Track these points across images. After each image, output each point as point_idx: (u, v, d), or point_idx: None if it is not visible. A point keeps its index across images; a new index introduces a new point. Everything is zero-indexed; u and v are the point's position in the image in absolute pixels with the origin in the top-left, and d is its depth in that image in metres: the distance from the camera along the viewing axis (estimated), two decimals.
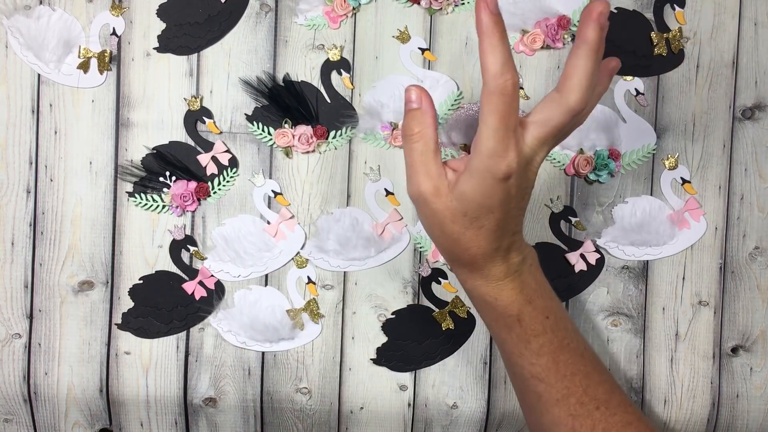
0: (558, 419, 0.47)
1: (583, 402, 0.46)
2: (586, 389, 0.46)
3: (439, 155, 0.41)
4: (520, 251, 0.44)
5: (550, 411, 0.47)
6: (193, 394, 0.57)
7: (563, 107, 0.39)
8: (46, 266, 0.56)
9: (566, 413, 0.46)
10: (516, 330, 0.45)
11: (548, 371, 0.46)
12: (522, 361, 0.46)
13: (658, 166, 0.57)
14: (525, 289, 0.45)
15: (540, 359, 0.46)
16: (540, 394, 0.47)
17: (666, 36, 0.57)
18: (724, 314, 0.58)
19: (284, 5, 0.56)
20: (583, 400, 0.46)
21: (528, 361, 0.46)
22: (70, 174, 0.56)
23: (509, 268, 0.44)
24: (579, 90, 0.38)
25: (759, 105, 0.57)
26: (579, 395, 0.46)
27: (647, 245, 0.57)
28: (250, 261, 0.56)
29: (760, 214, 0.58)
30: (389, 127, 0.56)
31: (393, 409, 0.58)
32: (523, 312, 0.45)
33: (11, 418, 0.58)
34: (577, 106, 0.39)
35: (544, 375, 0.46)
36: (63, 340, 0.57)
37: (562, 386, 0.46)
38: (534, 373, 0.46)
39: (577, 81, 0.38)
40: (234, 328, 0.57)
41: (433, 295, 0.57)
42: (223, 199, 0.56)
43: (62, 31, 0.55)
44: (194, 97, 0.56)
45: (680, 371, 0.58)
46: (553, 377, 0.46)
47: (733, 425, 0.59)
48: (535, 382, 0.46)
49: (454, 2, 0.56)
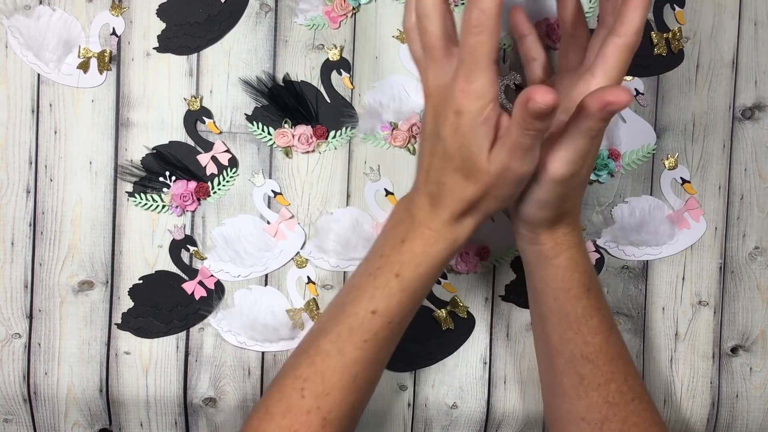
0: (594, 405, 0.46)
1: (623, 391, 0.46)
2: (626, 378, 0.46)
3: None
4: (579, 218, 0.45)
5: (589, 395, 0.46)
6: (193, 394, 0.57)
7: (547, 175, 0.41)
8: (46, 266, 0.56)
9: (603, 399, 0.46)
10: (583, 302, 0.45)
11: (599, 352, 0.45)
12: (577, 339, 0.46)
13: (657, 166, 0.57)
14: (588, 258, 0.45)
15: (595, 338, 0.45)
16: (584, 376, 0.46)
17: (666, 36, 0.57)
18: (724, 314, 0.58)
19: (284, 5, 0.56)
20: (623, 389, 0.46)
21: (583, 338, 0.45)
22: (70, 174, 0.56)
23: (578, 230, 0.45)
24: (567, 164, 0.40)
25: (759, 105, 0.57)
26: (620, 383, 0.46)
27: (647, 245, 0.57)
28: (250, 261, 0.56)
29: (760, 214, 0.58)
30: (389, 127, 0.56)
31: (393, 409, 0.58)
32: (593, 282, 0.45)
33: (11, 418, 0.58)
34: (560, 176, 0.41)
35: (595, 356, 0.45)
36: (63, 340, 0.57)
37: (607, 370, 0.45)
38: (585, 353, 0.45)
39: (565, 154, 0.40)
40: (234, 328, 0.57)
41: (433, 295, 0.57)
42: (223, 199, 0.56)
43: (62, 31, 0.55)
44: (194, 97, 0.56)
45: (680, 371, 0.58)
46: (602, 359, 0.46)
47: (732, 425, 0.59)
48: (583, 362, 0.46)
49: (454, 2, 0.56)
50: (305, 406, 0.45)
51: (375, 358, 0.46)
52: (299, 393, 0.45)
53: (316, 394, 0.45)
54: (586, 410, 0.46)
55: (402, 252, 0.44)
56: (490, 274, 0.58)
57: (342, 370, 0.45)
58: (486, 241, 0.57)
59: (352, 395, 0.45)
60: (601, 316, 0.46)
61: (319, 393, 0.45)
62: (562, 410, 0.48)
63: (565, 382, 0.47)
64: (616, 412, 0.45)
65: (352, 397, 0.45)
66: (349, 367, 0.45)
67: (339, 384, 0.45)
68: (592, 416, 0.46)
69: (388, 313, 0.45)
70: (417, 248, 0.44)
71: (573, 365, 0.46)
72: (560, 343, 0.47)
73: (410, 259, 0.44)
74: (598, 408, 0.46)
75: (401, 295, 0.44)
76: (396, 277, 0.44)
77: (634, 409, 0.46)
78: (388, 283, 0.44)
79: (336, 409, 0.45)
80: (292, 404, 0.45)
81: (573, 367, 0.46)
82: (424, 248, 0.44)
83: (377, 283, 0.45)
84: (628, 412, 0.45)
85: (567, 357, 0.47)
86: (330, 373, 0.45)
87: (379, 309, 0.44)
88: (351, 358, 0.45)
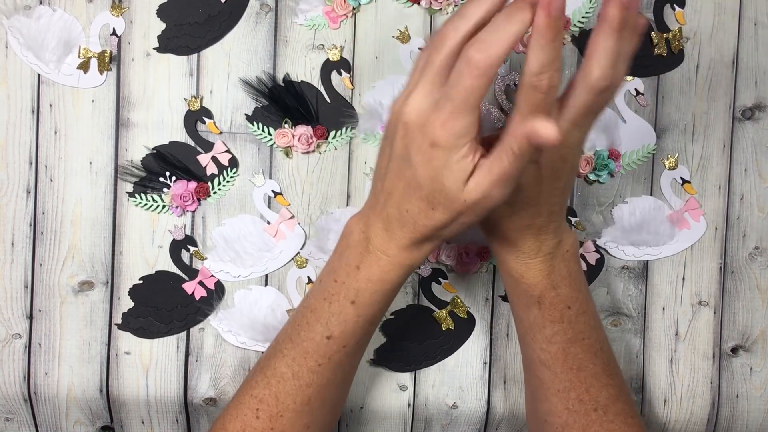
0: (554, 409, 0.47)
1: (583, 400, 0.46)
2: (589, 388, 0.46)
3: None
4: (556, 234, 0.44)
5: (549, 399, 0.47)
6: (194, 394, 0.57)
7: (587, 86, 0.38)
8: (46, 266, 0.56)
9: (563, 406, 0.46)
10: (534, 312, 0.45)
11: (556, 360, 0.46)
12: (533, 345, 0.46)
13: (658, 166, 0.57)
14: (553, 273, 0.44)
15: (551, 347, 0.46)
16: (543, 380, 0.47)
17: (666, 36, 0.57)
18: (724, 314, 0.58)
19: (284, 5, 0.56)
20: (583, 398, 0.46)
21: (539, 345, 0.46)
22: (70, 174, 0.56)
23: (540, 249, 0.43)
24: (599, 68, 0.37)
25: (759, 105, 0.57)
26: (580, 392, 0.46)
27: (647, 245, 0.57)
28: (250, 261, 0.56)
29: (760, 214, 0.58)
30: None
31: (393, 408, 0.58)
32: (544, 296, 0.45)
33: (12, 417, 0.58)
34: (599, 84, 0.37)
35: (551, 363, 0.46)
36: (63, 340, 0.57)
37: (565, 378, 0.46)
38: (542, 359, 0.46)
39: (597, 60, 0.37)
40: (234, 328, 0.57)
41: (433, 295, 0.57)
42: (223, 199, 0.56)
43: (62, 31, 0.55)
44: (194, 97, 0.56)
45: (680, 371, 0.58)
46: (559, 367, 0.46)
47: (733, 425, 0.59)
48: (541, 367, 0.46)
49: (454, 2, 0.56)
50: (259, 426, 0.45)
51: (330, 381, 0.46)
52: (254, 413, 0.46)
53: (271, 415, 0.45)
54: (547, 413, 0.47)
55: (357, 279, 0.44)
56: (490, 274, 0.58)
57: (296, 393, 0.45)
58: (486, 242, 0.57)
59: (306, 417, 0.46)
60: (558, 329, 0.45)
61: (273, 414, 0.45)
62: (530, 409, 0.50)
63: (530, 383, 0.49)
64: (576, 419, 0.46)
65: (306, 418, 0.46)
66: (303, 390, 0.45)
67: (293, 406, 0.45)
68: (553, 420, 0.47)
69: (343, 338, 0.45)
70: (373, 276, 0.43)
71: (534, 369, 0.47)
72: (522, 345, 0.48)
73: (366, 287, 0.43)
74: (558, 413, 0.47)
75: (357, 321, 0.44)
76: (351, 304, 0.44)
77: (596, 419, 0.46)
78: (344, 309, 0.44)
79: (289, 430, 0.46)
80: (247, 424, 0.46)
81: (534, 370, 0.47)
82: (380, 275, 0.43)
83: (332, 309, 0.44)
84: (589, 421, 0.46)
85: (528, 359, 0.48)
86: (284, 395, 0.45)
87: (334, 335, 0.45)
88: (305, 381, 0.45)
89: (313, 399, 0.46)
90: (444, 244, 0.56)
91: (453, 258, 0.57)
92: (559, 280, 0.45)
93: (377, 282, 0.43)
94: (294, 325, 0.46)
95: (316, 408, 0.46)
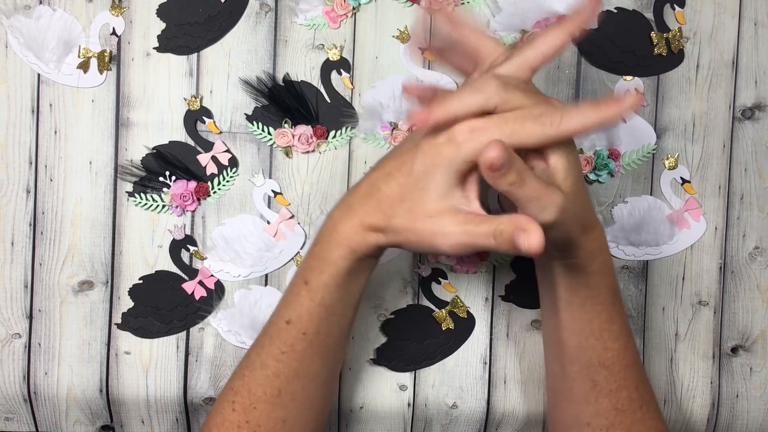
0: (602, 411, 0.45)
1: (632, 398, 0.45)
2: (638, 385, 0.45)
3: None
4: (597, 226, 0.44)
5: (599, 401, 0.45)
6: (194, 394, 0.57)
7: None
8: (46, 266, 0.56)
9: (612, 406, 0.45)
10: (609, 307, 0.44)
11: (616, 358, 0.45)
12: (597, 345, 0.45)
13: (657, 166, 0.57)
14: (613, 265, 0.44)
15: (615, 343, 0.45)
16: (597, 382, 0.45)
17: (666, 36, 0.57)
18: (724, 314, 0.58)
19: (284, 5, 0.56)
20: (633, 396, 0.45)
21: (603, 344, 0.45)
22: (70, 174, 0.56)
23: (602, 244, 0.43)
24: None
25: (759, 105, 0.57)
26: (630, 390, 0.45)
27: (647, 245, 0.57)
28: (250, 261, 0.56)
29: (760, 214, 0.58)
30: (389, 127, 0.56)
31: (393, 408, 0.58)
32: (618, 287, 0.44)
33: (12, 416, 0.58)
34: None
35: (611, 362, 0.45)
36: (63, 340, 0.57)
37: (621, 377, 0.45)
38: (603, 359, 0.45)
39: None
40: (234, 328, 0.57)
41: (433, 295, 0.57)
42: (223, 199, 0.56)
43: (62, 31, 0.55)
44: (194, 97, 0.56)
45: (680, 371, 0.58)
46: (618, 365, 0.45)
47: (733, 425, 0.59)
48: (599, 369, 0.45)
49: (454, 2, 0.56)
50: (236, 419, 0.45)
51: (298, 373, 0.45)
52: (231, 406, 0.46)
53: (245, 407, 0.45)
54: (593, 416, 0.46)
55: (311, 257, 0.43)
56: (490, 274, 0.58)
57: (265, 383, 0.45)
58: None
59: (278, 410, 0.45)
60: (622, 321, 0.45)
61: (247, 406, 0.45)
62: (568, 414, 0.47)
63: (575, 388, 0.46)
64: (622, 419, 0.45)
65: (279, 411, 0.45)
66: (271, 380, 0.45)
67: (264, 397, 0.45)
68: (598, 422, 0.46)
69: (300, 323, 0.44)
70: (322, 253, 0.42)
71: (588, 372, 0.45)
72: (578, 350, 0.46)
73: (315, 266, 0.43)
74: (605, 414, 0.45)
75: (310, 305, 0.44)
76: (305, 284, 0.43)
77: (641, 417, 0.45)
78: (299, 291, 0.44)
79: (264, 423, 0.45)
80: (225, 417, 0.46)
81: (588, 374, 0.45)
82: (327, 254, 0.42)
83: (291, 290, 0.44)
84: (634, 420, 0.45)
85: (584, 364, 0.46)
86: (255, 385, 0.45)
87: (291, 318, 0.44)
88: (272, 371, 0.45)
89: (282, 392, 0.45)
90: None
91: (453, 258, 0.57)
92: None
93: (325, 262, 0.42)
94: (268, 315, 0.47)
95: (288, 401, 0.45)
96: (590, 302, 0.45)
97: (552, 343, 0.48)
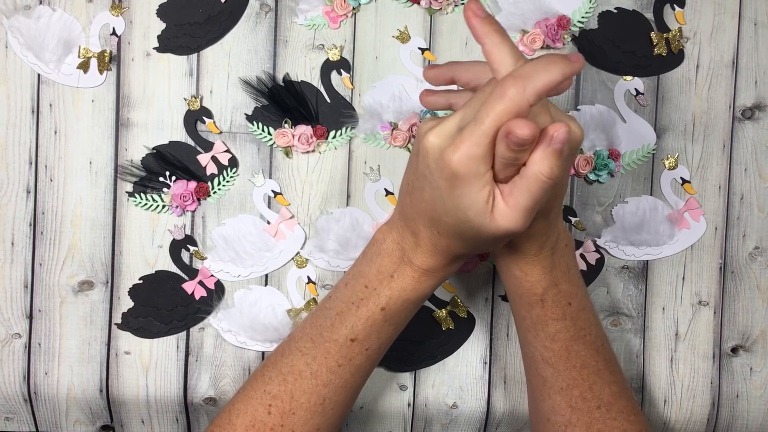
0: (557, 407, 0.47)
1: (586, 398, 0.46)
2: (592, 386, 0.46)
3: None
4: (555, 231, 0.43)
5: (552, 397, 0.47)
6: (193, 394, 0.57)
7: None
8: (46, 266, 0.56)
9: (566, 404, 0.46)
10: (537, 310, 0.45)
11: (559, 358, 0.46)
12: (536, 343, 0.46)
13: (658, 166, 0.57)
14: (554, 270, 0.44)
15: (554, 344, 0.46)
16: (546, 378, 0.47)
17: (666, 36, 0.57)
18: (724, 314, 0.58)
19: (284, 5, 0.56)
20: (586, 396, 0.46)
21: (542, 343, 0.46)
22: (70, 174, 0.56)
23: (542, 247, 0.43)
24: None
25: (759, 105, 0.57)
26: (583, 389, 0.46)
27: (647, 245, 0.57)
28: (250, 261, 0.56)
29: (760, 214, 0.58)
30: (389, 127, 0.56)
31: (393, 408, 0.58)
32: (547, 293, 0.45)
33: (12, 416, 0.58)
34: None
35: (554, 361, 0.46)
36: (63, 340, 0.57)
37: (568, 376, 0.46)
38: (545, 357, 0.46)
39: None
40: (234, 328, 0.57)
41: (433, 295, 0.57)
42: (223, 199, 0.56)
43: (62, 31, 0.55)
44: (194, 97, 0.56)
45: (680, 371, 0.58)
46: (562, 365, 0.46)
47: (733, 425, 0.59)
48: (544, 366, 0.46)
49: (454, 2, 0.56)
50: (270, 422, 0.45)
51: (347, 383, 0.46)
52: (266, 409, 0.46)
53: (283, 412, 0.45)
54: (550, 412, 0.47)
55: (390, 287, 0.44)
56: (490, 274, 0.58)
57: (311, 392, 0.45)
58: None
59: (317, 417, 0.46)
60: (561, 326, 0.45)
61: (286, 411, 0.45)
62: (532, 409, 0.50)
63: (532, 382, 0.49)
64: (579, 417, 0.46)
65: (318, 419, 0.46)
66: (319, 389, 0.45)
67: (306, 405, 0.45)
68: (556, 418, 0.47)
69: (368, 341, 0.45)
70: (407, 285, 0.44)
71: (536, 367, 0.47)
72: (523, 344, 0.48)
73: (398, 296, 0.44)
74: (561, 411, 0.47)
75: (384, 326, 0.45)
76: (381, 310, 0.44)
77: (599, 417, 0.46)
78: (373, 315, 0.45)
79: (299, 429, 0.46)
80: (257, 419, 0.46)
81: (536, 368, 0.47)
82: (414, 286, 0.44)
83: (360, 313, 0.45)
84: (592, 418, 0.46)
85: (530, 358, 0.48)
86: (299, 393, 0.45)
87: (359, 338, 0.45)
88: (323, 381, 0.45)
89: (327, 400, 0.46)
90: None
91: None
92: (559, 276, 0.45)
93: (411, 291, 0.44)
94: (315, 326, 0.47)
95: (329, 409, 0.46)
96: (518, 303, 0.46)
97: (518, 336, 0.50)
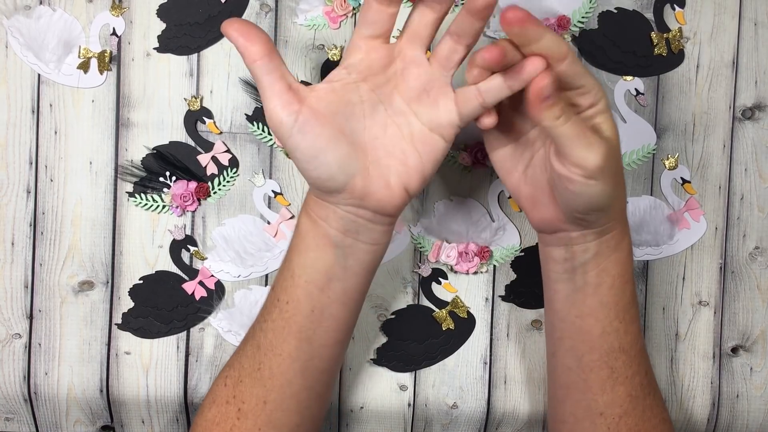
0: (617, 399, 0.45)
1: (644, 384, 0.45)
2: (647, 371, 0.45)
3: None
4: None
5: (615, 389, 0.45)
6: (194, 395, 0.57)
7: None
8: (46, 266, 0.56)
9: (627, 393, 0.45)
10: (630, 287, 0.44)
11: (634, 343, 0.44)
12: (621, 328, 0.44)
13: (658, 166, 0.57)
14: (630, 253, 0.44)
15: (632, 326, 0.44)
16: (615, 368, 0.44)
17: (666, 36, 0.57)
18: (724, 314, 0.58)
19: (284, 5, 0.56)
20: (644, 382, 0.45)
21: (626, 327, 0.44)
22: (70, 174, 0.56)
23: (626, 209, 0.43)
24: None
25: (759, 105, 0.57)
26: (642, 376, 0.45)
27: (647, 245, 0.57)
28: (251, 261, 0.56)
29: (760, 214, 0.58)
30: None
31: (393, 408, 0.58)
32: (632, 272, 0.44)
33: (12, 417, 0.58)
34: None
35: (630, 346, 0.44)
36: (63, 340, 0.57)
37: (636, 362, 0.45)
38: (623, 344, 0.44)
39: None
40: (234, 328, 0.57)
41: (433, 295, 0.57)
42: (223, 199, 0.56)
43: (62, 31, 0.55)
44: (194, 97, 0.56)
45: (680, 371, 0.58)
46: (635, 349, 0.45)
47: (733, 425, 0.59)
48: (618, 354, 0.44)
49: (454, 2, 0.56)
50: (225, 395, 0.45)
51: (276, 348, 0.44)
52: (223, 381, 0.46)
53: (234, 381, 0.45)
54: (607, 405, 0.45)
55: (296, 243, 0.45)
56: (490, 274, 0.58)
57: (252, 355, 0.45)
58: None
59: (258, 386, 0.45)
60: (636, 303, 0.45)
61: (236, 380, 0.45)
62: (580, 407, 0.46)
63: (591, 378, 0.45)
64: (635, 405, 0.45)
65: (259, 388, 0.45)
66: (254, 352, 0.45)
67: (249, 370, 0.45)
68: (612, 411, 0.45)
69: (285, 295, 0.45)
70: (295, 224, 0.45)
71: (608, 359, 0.45)
72: (601, 336, 0.44)
73: (291, 236, 0.45)
74: (620, 402, 0.45)
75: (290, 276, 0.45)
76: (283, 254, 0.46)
77: (650, 404, 0.46)
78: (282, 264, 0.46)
79: (248, 400, 0.45)
80: (217, 394, 0.46)
81: (607, 361, 0.45)
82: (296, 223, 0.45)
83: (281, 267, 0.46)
84: (645, 406, 0.45)
85: (605, 351, 0.45)
86: (244, 358, 0.46)
87: (274, 286, 0.46)
88: (256, 342, 0.45)
89: (262, 366, 0.45)
90: (445, 244, 0.56)
91: (453, 258, 0.57)
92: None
93: (294, 229, 0.45)
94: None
95: (267, 379, 0.44)
96: (619, 281, 0.44)
97: (568, 336, 0.46)
